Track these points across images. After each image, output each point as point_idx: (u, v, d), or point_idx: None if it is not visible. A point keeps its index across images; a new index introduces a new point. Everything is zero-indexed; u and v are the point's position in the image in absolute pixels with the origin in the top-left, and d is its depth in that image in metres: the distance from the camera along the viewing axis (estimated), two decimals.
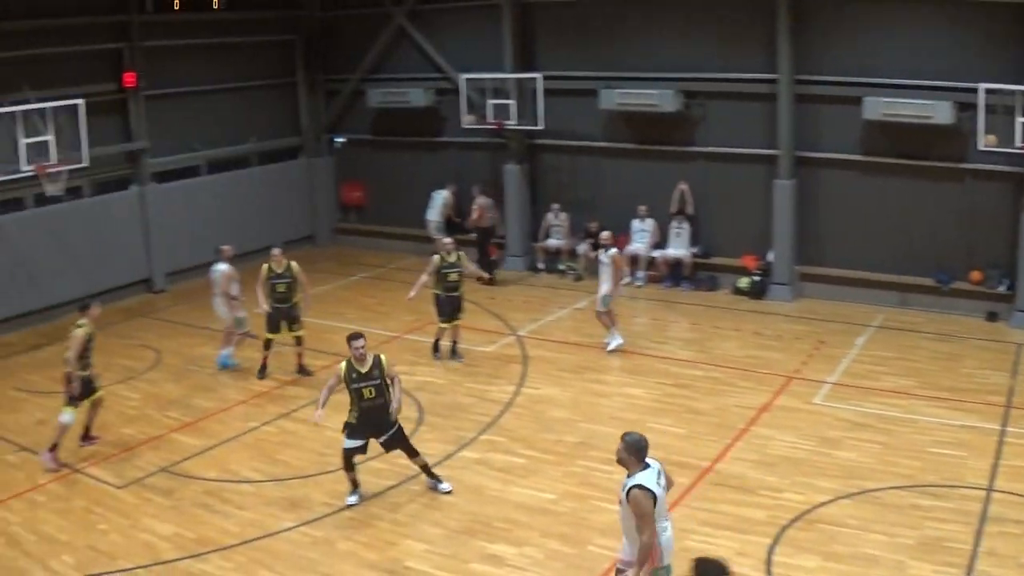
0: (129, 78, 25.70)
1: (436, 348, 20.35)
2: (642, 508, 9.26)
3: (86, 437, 16.78)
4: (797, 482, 14.19)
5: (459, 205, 27.90)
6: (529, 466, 15.02)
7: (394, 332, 21.75)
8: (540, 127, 25.48)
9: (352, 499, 14.29)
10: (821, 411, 16.86)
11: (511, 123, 25.70)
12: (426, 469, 14.48)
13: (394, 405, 13.88)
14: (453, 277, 19.88)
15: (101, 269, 25.10)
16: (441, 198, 27.84)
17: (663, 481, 9.65)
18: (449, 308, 19.93)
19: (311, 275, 25.01)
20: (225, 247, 20.19)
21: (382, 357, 13.97)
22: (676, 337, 21.58)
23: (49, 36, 23.78)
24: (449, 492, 14.32)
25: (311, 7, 30.00)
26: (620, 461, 9.68)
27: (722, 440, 15.71)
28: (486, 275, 24.72)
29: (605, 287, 19.93)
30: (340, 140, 30.76)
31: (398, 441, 14.16)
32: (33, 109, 21.45)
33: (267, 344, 19.77)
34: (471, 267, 21.29)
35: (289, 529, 13.55)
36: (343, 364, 14.04)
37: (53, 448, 15.96)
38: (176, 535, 13.56)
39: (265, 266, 19.57)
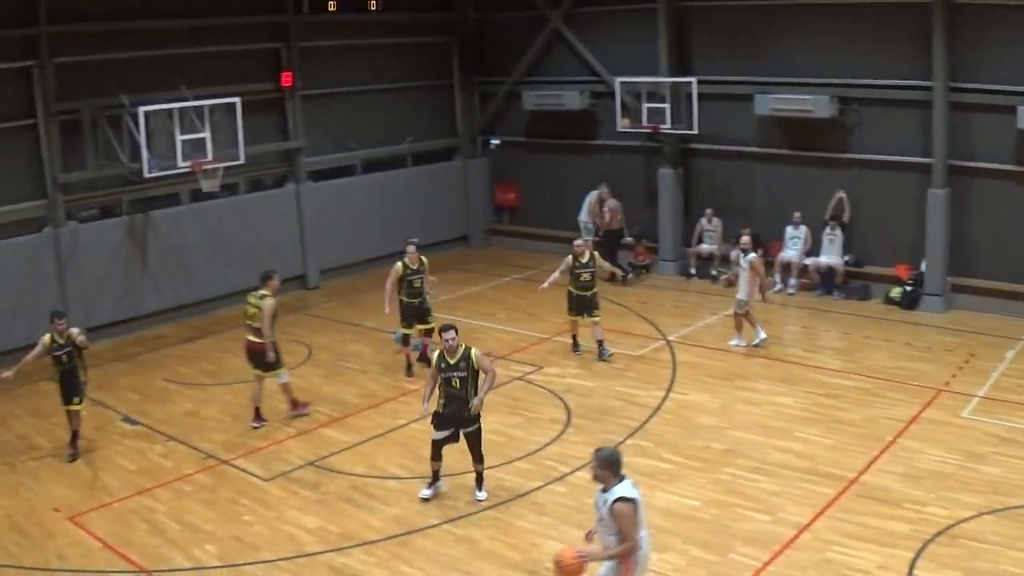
0: (286, 78, 25.98)
1: (575, 345, 20.40)
2: (628, 520, 9.25)
3: (296, 405, 17.73)
4: (942, 496, 13.65)
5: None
6: (675, 472, 14.72)
7: (544, 334, 21.57)
8: (694, 131, 25.05)
9: (426, 492, 14.29)
10: (969, 425, 16.21)
11: (666, 127, 25.30)
12: (479, 477, 14.36)
13: (475, 400, 13.78)
14: (585, 277, 19.79)
15: (255, 265, 25.18)
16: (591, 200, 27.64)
17: (638, 491, 9.51)
18: (579, 305, 19.89)
19: (464, 275, 25.11)
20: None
21: (472, 350, 13.81)
22: (826, 346, 20.96)
23: (207, 35, 24.21)
24: (482, 500, 14.17)
25: (466, 9, 30.03)
26: (596, 477, 9.52)
27: (869, 451, 15.18)
28: (620, 272, 24.46)
29: (744, 291, 19.56)
30: (495, 142, 30.66)
31: (472, 441, 14.09)
32: (191, 107, 21.83)
33: (405, 339, 20.00)
34: (606, 265, 21.23)
35: (433, 526, 13.47)
36: (436, 354, 14.01)
37: (296, 405, 17.48)
38: (320, 528, 13.60)
39: (399, 263, 19.59)
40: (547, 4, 27.99)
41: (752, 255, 19.48)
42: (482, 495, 14.24)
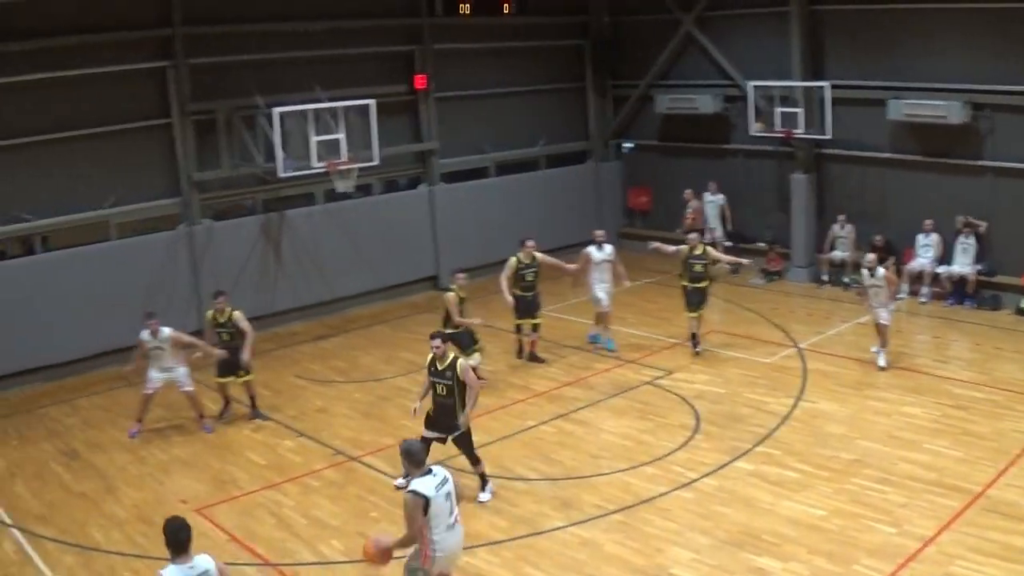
0: (420, 80, 26.02)
1: (694, 341, 20.28)
2: (408, 512, 9.68)
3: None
4: None
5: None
6: (802, 481, 14.35)
7: (675, 339, 21.23)
8: (827, 136, 24.55)
9: (400, 481, 14.24)
10: None
11: (799, 132, 24.83)
12: (483, 478, 14.36)
13: (462, 415, 13.92)
14: (698, 268, 19.91)
15: (388, 265, 25.58)
16: (716, 203, 27.50)
17: (447, 490, 9.89)
18: (696, 299, 19.99)
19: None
20: (599, 232, 21.00)
21: (459, 361, 13.94)
22: (957, 357, 20.30)
23: (342, 37, 24.42)
24: (484, 502, 14.20)
25: (599, 13, 29.82)
26: (403, 467, 10.16)
27: (997, 465, 14.60)
28: (742, 262, 24.38)
29: (882, 304, 18.93)
30: (628, 145, 30.38)
31: (462, 445, 14.18)
32: (325, 108, 21.98)
33: (518, 329, 20.39)
34: (724, 257, 21.28)
35: (558, 528, 13.33)
36: (428, 357, 14.03)
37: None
38: None
39: (514, 258, 19.99)
40: (680, 7, 27.69)
41: (881, 270, 18.87)
42: (485, 496, 14.26)
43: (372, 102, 22.81)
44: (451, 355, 13.96)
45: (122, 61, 21.46)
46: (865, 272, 18.93)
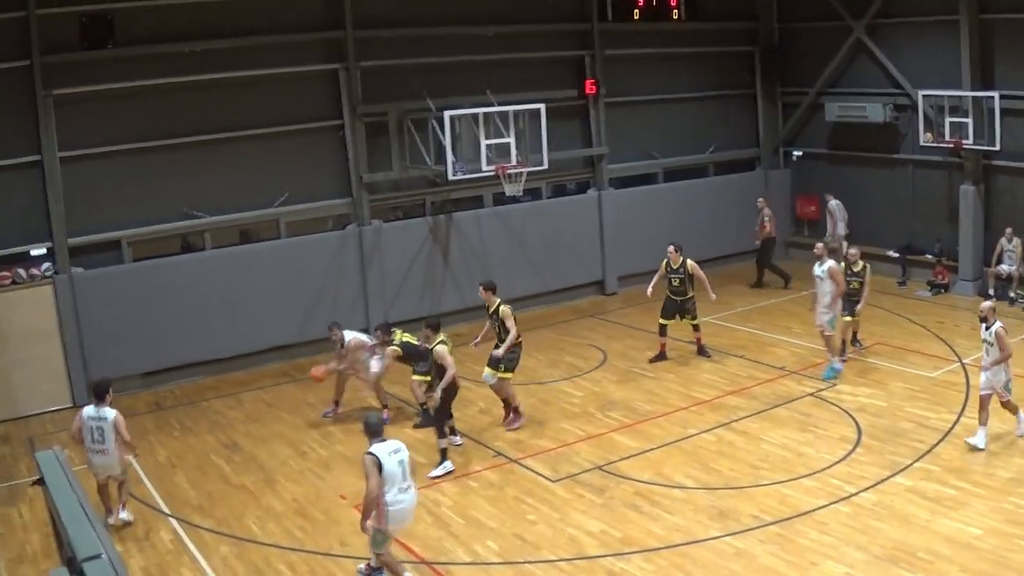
0: (590, 85, 25.95)
1: (845, 347, 20.07)
2: (366, 468, 11.44)
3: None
4: None
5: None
6: (959, 498, 13.91)
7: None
8: (996, 148, 23.68)
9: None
10: None
11: (967, 142, 23.99)
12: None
13: (433, 395, 16.11)
14: (855, 286, 19.70)
15: (555, 269, 25.57)
16: (838, 208, 27.37)
17: (399, 457, 11.68)
18: (849, 306, 19.68)
19: (761, 287, 24.28)
20: (820, 245, 20.36)
21: (436, 348, 15.97)
22: None
23: (512, 42, 24.57)
24: (460, 445, 16.54)
25: (768, 19, 29.36)
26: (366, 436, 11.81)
27: None
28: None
29: None
30: (797, 153, 29.76)
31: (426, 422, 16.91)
32: (495, 112, 22.03)
33: (661, 330, 20.76)
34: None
35: (714, 538, 13.16)
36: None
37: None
38: (602, 532, 13.48)
39: (664, 261, 20.45)
40: (850, 14, 27.11)
41: None
42: (457, 439, 16.66)
43: (542, 106, 22.80)
44: (434, 340, 16.16)
45: (296, 63, 21.99)
46: None
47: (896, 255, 26.49)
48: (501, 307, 17.48)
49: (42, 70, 19.36)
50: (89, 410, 14.08)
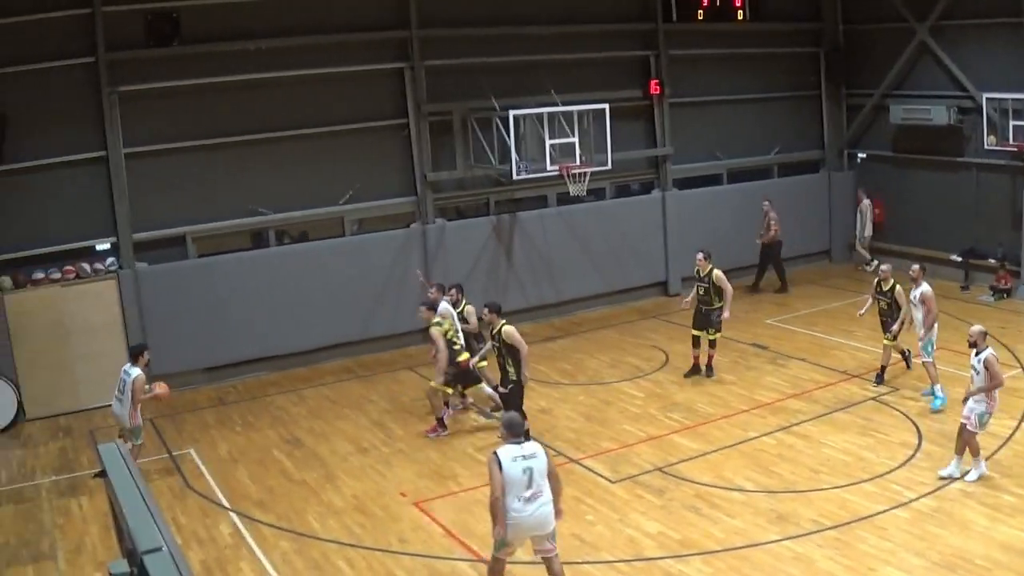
0: (654, 85, 25.87)
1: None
2: (488, 469, 10.89)
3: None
4: None
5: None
6: (1017, 505, 13.72)
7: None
8: None
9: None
10: None
11: None
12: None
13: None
14: (883, 306, 18.99)
15: (618, 269, 25.56)
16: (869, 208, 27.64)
17: (528, 464, 10.76)
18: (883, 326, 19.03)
19: (824, 290, 24.14)
20: (916, 268, 18.73)
21: (503, 330, 16.41)
22: None
23: (577, 42, 24.63)
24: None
25: (833, 20, 29.09)
26: (501, 436, 11.20)
27: None
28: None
29: None
30: (861, 156, 29.51)
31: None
32: (560, 111, 22.04)
33: (693, 341, 20.16)
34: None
35: (773, 542, 13.08)
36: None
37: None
38: (661, 534, 13.45)
39: (696, 268, 19.92)
40: (914, 16, 26.82)
41: None
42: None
43: (606, 106, 22.80)
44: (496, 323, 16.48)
45: (361, 62, 22.15)
46: None
47: (959, 259, 26.24)
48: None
49: (107, 67, 19.65)
50: (125, 366, 15.66)
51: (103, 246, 20.21)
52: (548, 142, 21.89)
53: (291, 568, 12.96)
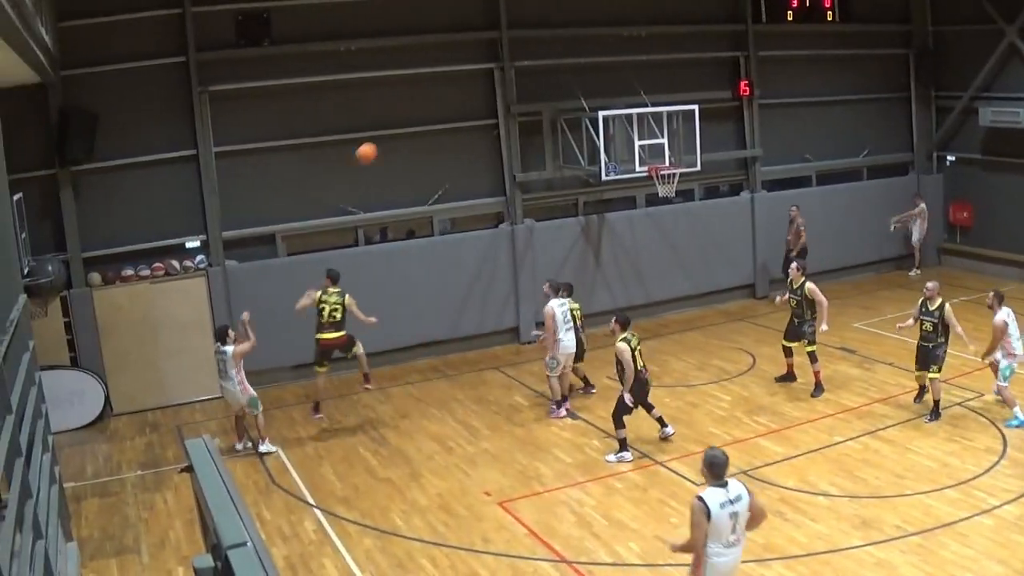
0: (744, 86, 25.73)
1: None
2: (691, 517, 9.73)
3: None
4: None
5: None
6: None
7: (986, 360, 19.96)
8: None
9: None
10: None
11: None
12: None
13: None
14: (928, 327, 17.77)
15: (706, 271, 25.46)
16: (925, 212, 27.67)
17: (735, 509, 9.70)
18: (921, 358, 17.90)
19: (913, 294, 23.70)
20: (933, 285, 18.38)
21: (616, 345, 16.38)
22: None
23: (666, 43, 24.56)
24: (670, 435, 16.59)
25: (922, 22, 28.72)
26: (701, 473, 9.95)
27: None
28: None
29: None
30: (951, 158, 29.09)
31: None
32: (649, 112, 22.00)
33: (785, 351, 19.81)
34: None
35: (855, 547, 12.96)
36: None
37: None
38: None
39: (789, 279, 19.53)
40: (1003, 18, 26.42)
41: None
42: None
43: (696, 107, 22.68)
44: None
45: (451, 62, 22.29)
46: None
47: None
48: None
49: (198, 67, 19.96)
50: (216, 347, 16.51)
51: (193, 244, 20.52)
52: (637, 143, 21.83)
53: (374, 565, 13.07)
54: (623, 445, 16.19)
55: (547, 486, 15.38)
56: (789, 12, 25.95)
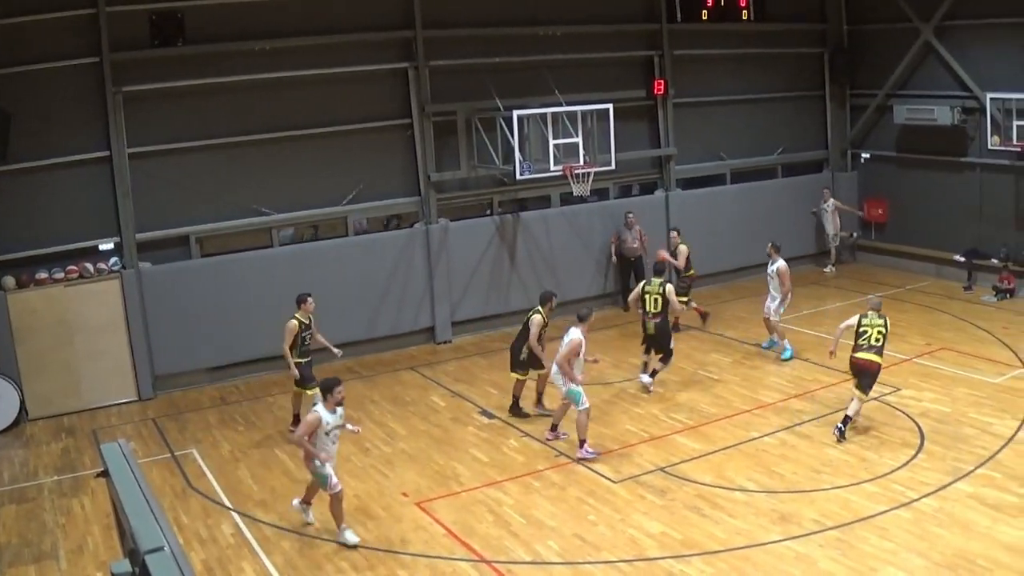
0: (659, 86, 25.90)
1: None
2: None
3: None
4: None
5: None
6: (1021, 506, 13.71)
7: (905, 355, 20.55)
8: None
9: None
10: None
11: None
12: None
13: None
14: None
15: (618, 269, 25.33)
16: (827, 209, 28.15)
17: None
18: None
19: (826, 290, 24.15)
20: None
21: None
22: None
23: (581, 42, 24.65)
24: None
25: (837, 21, 29.15)
26: None
27: None
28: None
29: None
30: (865, 156, 29.55)
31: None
32: (564, 112, 22.08)
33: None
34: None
35: (775, 542, 13.10)
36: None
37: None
38: (663, 534, 13.47)
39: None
40: (919, 16, 26.84)
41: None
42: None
43: (610, 106, 22.76)
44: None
45: (365, 62, 22.18)
46: None
47: (962, 259, 26.23)
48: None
49: (112, 67, 19.64)
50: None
51: (107, 246, 20.22)
52: (552, 142, 21.86)
53: (293, 568, 12.98)
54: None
55: (465, 486, 15.35)
56: (704, 11, 26.07)
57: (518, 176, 21.99)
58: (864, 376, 16.38)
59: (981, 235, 26.22)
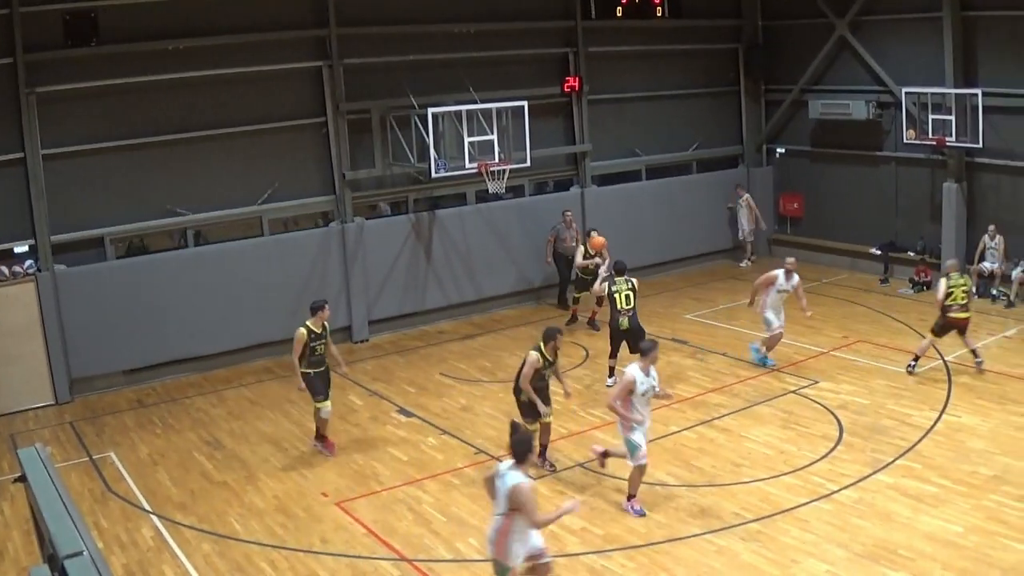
0: (573, 82, 26.00)
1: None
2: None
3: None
4: None
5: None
6: (940, 496, 13.98)
7: (822, 348, 20.95)
8: (979, 145, 23.74)
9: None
10: None
11: (950, 140, 24.07)
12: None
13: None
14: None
15: (537, 267, 25.54)
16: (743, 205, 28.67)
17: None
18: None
19: (746, 284, 24.42)
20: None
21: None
22: None
23: (495, 40, 24.71)
24: None
25: (752, 17, 29.50)
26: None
27: None
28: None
29: None
30: (780, 151, 29.95)
31: None
32: (478, 109, 22.12)
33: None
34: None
35: (695, 536, 13.23)
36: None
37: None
38: (584, 530, 13.55)
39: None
40: (833, 12, 27.24)
41: None
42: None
43: (525, 104, 22.89)
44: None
45: (279, 60, 22.06)
46: None
47: (879, 252, 26.66)
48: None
49: (25, 68, 19.34)
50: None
51: (21, 248, 19.91)
52: (467, 140, 21.88)
53: (214, 570, 12.90)
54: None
55: (384, 485, 15.34)
56: (618, 8, 26.13)
57: (433, 174, 22.02)
58: (957, 330, 18.54)
59: (897, 228, 26.71)
